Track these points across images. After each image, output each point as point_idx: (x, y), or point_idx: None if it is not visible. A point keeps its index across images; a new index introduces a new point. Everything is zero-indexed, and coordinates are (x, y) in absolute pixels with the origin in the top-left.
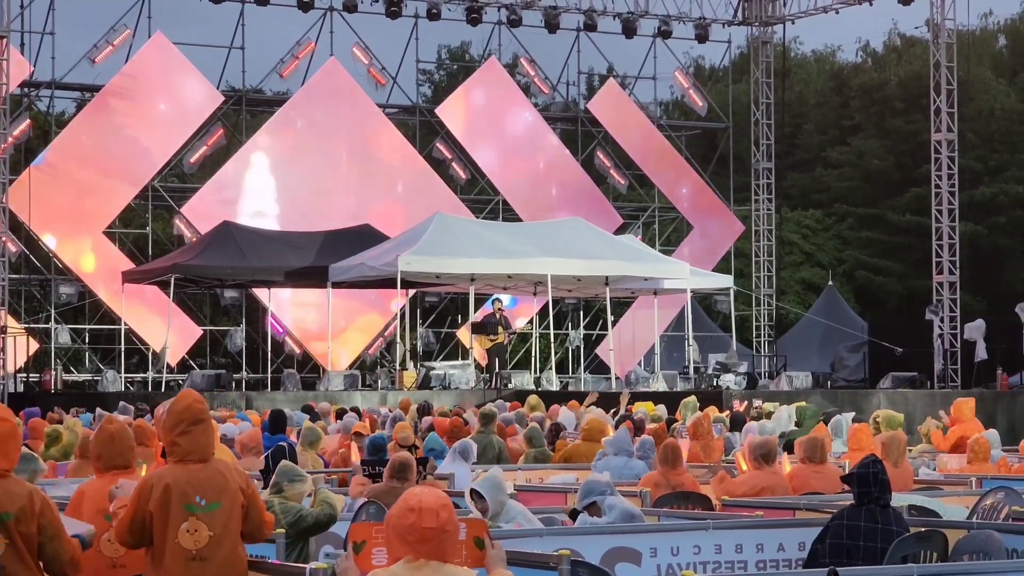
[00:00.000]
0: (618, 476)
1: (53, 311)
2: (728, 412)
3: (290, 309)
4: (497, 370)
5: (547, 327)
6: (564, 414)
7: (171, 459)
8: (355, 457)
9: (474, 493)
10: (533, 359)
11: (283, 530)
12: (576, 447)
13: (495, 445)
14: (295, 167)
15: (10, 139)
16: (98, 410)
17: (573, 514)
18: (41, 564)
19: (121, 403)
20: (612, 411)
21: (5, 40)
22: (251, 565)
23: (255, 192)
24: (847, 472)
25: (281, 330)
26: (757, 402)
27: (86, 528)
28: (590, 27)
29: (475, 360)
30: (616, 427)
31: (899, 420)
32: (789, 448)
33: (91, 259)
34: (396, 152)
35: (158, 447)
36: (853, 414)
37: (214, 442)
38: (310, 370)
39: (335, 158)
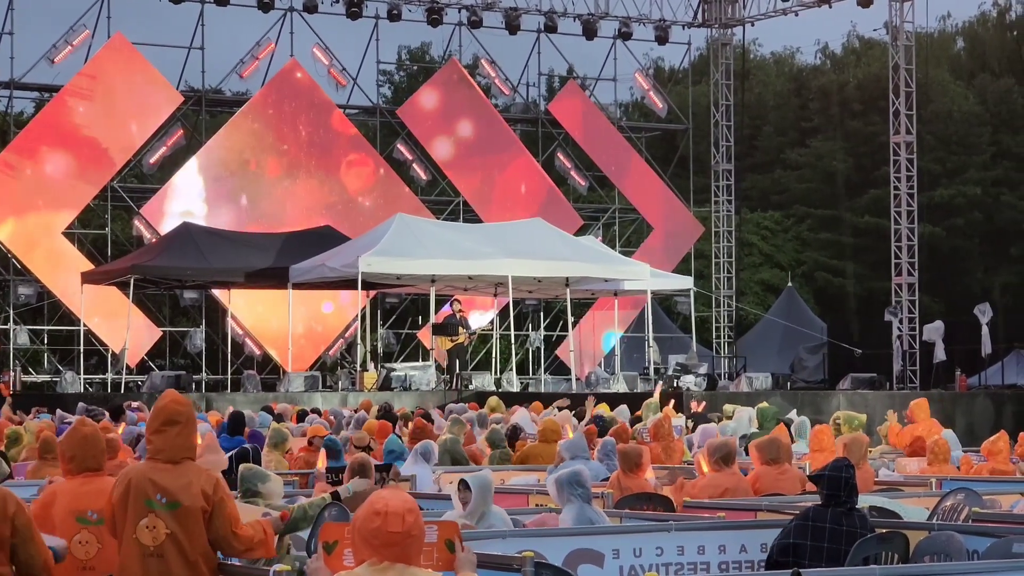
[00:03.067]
0: None
1: (11, 312)
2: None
3: (249, 310)
4: (457, 371)
5: (507, 328)
6: (521, 415)
7: (147, 456)
8: (321, 464)
9: (462, 484)
10: (494, 360)
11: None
12: (533, 448)
13: (447, 444)
14: (255, 168)
15: None
16: (58, 411)
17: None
18: (14, 569)
19: (80, 404)
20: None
21: None
22: (217, 568)
23: (214, 193)
24: (815, 472)
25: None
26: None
27: (59, 542)
28: (550, 28)
29: (435, 361)
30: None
31: (861, 421)
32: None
33: (50, 260)
34: (356, 153)
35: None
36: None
37: (192, 445)
38: (270, 371)
39: (295, 159)
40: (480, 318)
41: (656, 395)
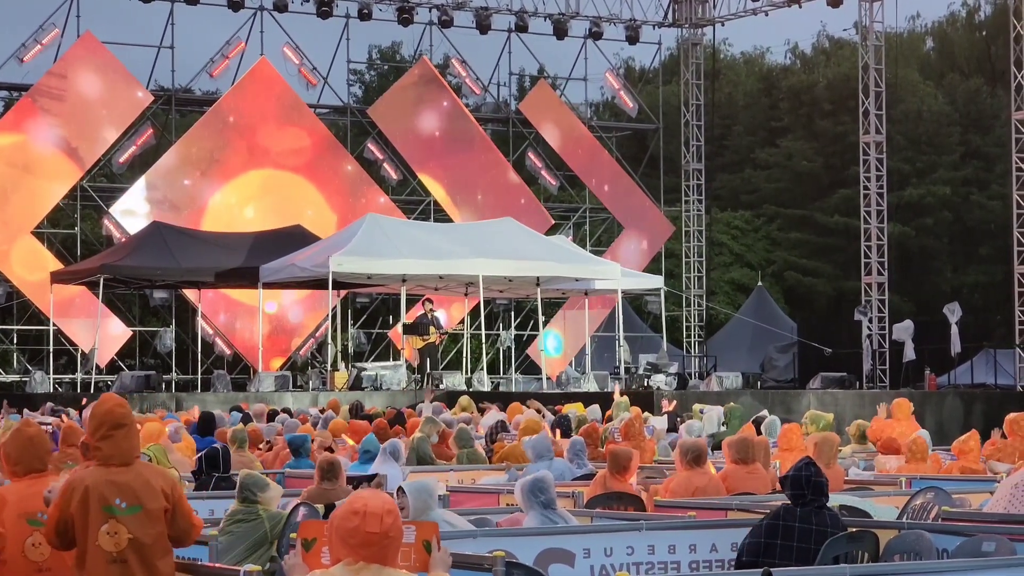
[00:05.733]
0: None
1: None
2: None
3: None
4: (428, 371)
5: (478, 328)
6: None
7: (94, 463)
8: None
9: (400, 491)
10: (464, 360)
11: (215, 533)
12: (513, 447)
13: (414, 444)
14: (224, 167)
15: None
16: (25, 411)
17: None
18: None
19: (49, 404)
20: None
21: None
22: (185, 568)
23: (184, 193)
24: (783, 475)
25: None
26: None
27: None
28: (521, 28)
29: (406, 361)
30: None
31: (827, 420)
32: (717, 448)
33: (19, 259)
34: (327, 153)
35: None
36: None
37: (138, 446)
38: (240, 371)
39: (265, 158)
40: (443, 316)
41: (616, 395)
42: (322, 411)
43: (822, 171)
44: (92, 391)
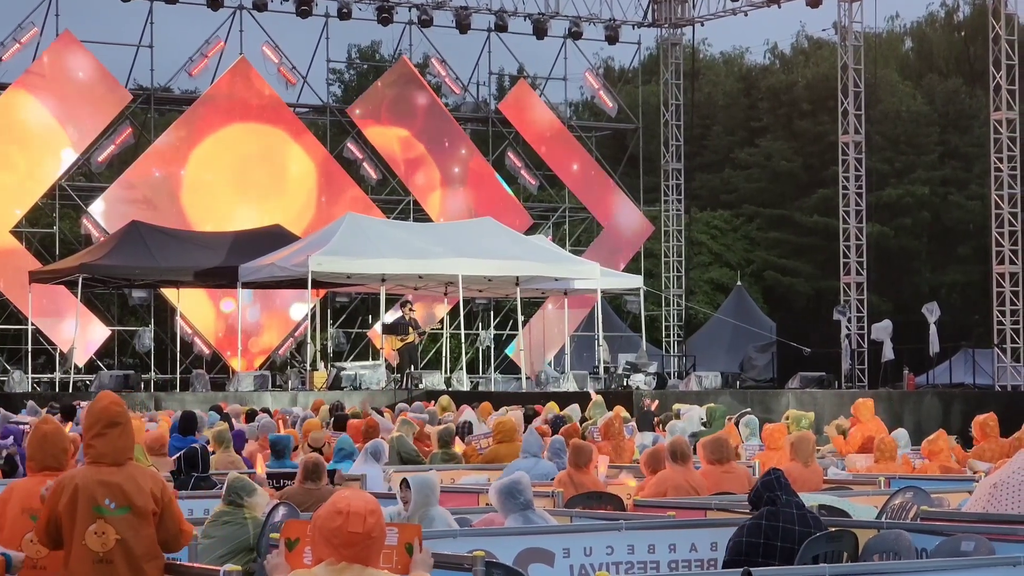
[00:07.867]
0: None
1: None
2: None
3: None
4: (408, 370)
5: (458, 327)
6: (467, 415)
7: (86, 460)
8: (260, 469)
9: (404, 483)
10: (444, 359)
11: (195, 533)
12: (495, 450)
13: (394, 443)
14: (204, 167)
15: None
16: (1, 410)
17: None
18: None
19: (30, 403)
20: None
21: None
22: (163, 568)
23: (163, 192)
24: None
25: None
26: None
27: (16, 555)
28: (501, 28)
29: (386, 360)
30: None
31: (809, 419)
32: None
33: None
34: (306, 152)
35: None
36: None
37: (132, 446)
38: (219, 370)
39: (245, 157)
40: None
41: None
42: (302, 410)
43: (801, 171)
44: (71, 391)
